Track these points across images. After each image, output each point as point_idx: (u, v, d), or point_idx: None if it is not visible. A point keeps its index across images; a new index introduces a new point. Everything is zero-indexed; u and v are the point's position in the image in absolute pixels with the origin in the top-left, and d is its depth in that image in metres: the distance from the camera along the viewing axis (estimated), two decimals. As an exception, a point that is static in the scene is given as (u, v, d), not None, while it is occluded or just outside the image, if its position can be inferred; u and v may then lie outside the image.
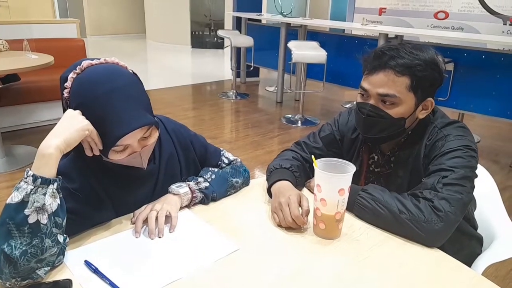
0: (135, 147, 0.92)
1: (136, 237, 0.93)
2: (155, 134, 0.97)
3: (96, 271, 0.82)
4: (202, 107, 5.01)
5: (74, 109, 0.87)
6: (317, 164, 0.97)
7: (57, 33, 4.33)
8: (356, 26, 4.81)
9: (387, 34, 4.07)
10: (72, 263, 0.85)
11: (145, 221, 0.97)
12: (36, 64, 2.89)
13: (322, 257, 0.92)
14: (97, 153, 0.89)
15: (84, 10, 10.57)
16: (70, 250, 0.89)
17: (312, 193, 1.04)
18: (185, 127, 1.21)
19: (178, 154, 1.15)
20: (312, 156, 1.01)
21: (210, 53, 9.38)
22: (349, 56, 4.65)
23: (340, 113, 1.35)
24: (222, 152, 1.26)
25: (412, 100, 1.08)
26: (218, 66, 7.90)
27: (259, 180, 1.28)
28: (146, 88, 0.95)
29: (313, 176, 1.25)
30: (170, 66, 7.71)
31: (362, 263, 0.90)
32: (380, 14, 6.36)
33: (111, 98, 0.86)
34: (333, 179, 0.94)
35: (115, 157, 0.91)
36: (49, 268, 0.80)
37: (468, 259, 1.07)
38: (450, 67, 3.66)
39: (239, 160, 1.28)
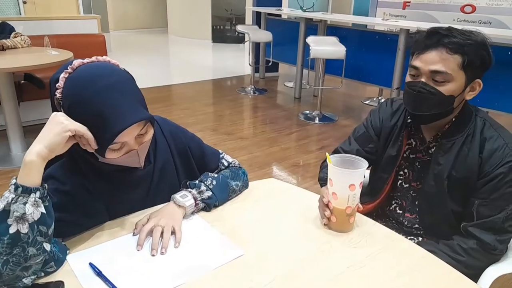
0: (131, 145, 0.90)
1: (138, 250, 0.91)
2: (151, 131, 0.95)
3: (99, 274, 0.82)
4: (221, 103, 5.01)
5: (68, 109, 0.86)
6: (331, 159, 1.00)
7: (78, 29, 4.41)
8: (377, 21, 4.70)
9: (408, 30, 3.95)
10: (77, 265, 0.86)
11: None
12: (55, 60, 2.95)
13: (320, 263, 0.89)
14: (91, 150, 0.87)
15: (107, 5, 10.73)
16: (75, 252, 0.89)
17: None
18: (183, 130, 1.18)
19: (174, 159, 1.13)
20: (326, 153, 1.05)
21: (231, 48, 9.37)
22: (369, 52, 4.55)
23: (371, 111, 1.40)
24: (221, 155, 1.24)
25: (462, 78, 1.09)
26: (238, 61, 7.88)
27: (263, 181, 1.26)
28: (167, 83, 0.95)
29: None
30: (190, 61, 7.75)
31: (359, 271, 0.87)
32: (404, 8, 6.19)
33: (106, 93, 0.84)
34: (344, 174, 0.98)
35: (112, 156, 0.89)
36: (35, 276, 0.80)
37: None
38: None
39: (237, 162, 1.26)
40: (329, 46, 4.08)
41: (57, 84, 0.87)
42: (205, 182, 1.10)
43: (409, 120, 1.26)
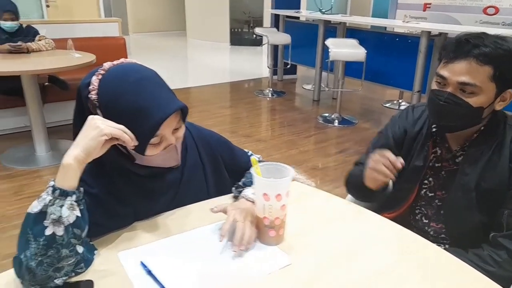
0: (169, 139, 0.92)
1: (220, 241, 0.91)
2: (183, 126, 0.97)
3: (150, 273, 0.83)
4: (238, 105, 5.02)
5: (105, 108, 0.87)
6: (259, 167, 0.93)
7: (100, 32, 4.49)
8: (397, 24, 4.65)
9: (429, 32, 3.89)
10: (128, 262, 0.87)
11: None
12: (78, 63, 3.01)
13: (349, 263, 0.88)
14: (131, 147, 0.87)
15: (127, 8, 10.89)
16: (126, 250, 0.91)
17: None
18: (211, 133, 1.18)
19: (203, 162, 1.12)
20: (252, 157, 0.98)
21: (249, 51, 9.39)
22: (389, 54, 4.50)
23: (391, 118, 1.35)
24: (249, 154, 1.24)
25: (493, 90, 1.05)
26: (256, 64, 7.90)
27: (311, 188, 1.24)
28: (185, 86, 0.97)
29: None
30: (208, 64, 7.79)
31: (386, 276, 0.86)
32: (424, 10, 6.10)
33: (143, 86, 0.87)
34: (258, 182, 0.91)
35: (152, 152, 0.90)
36: (67, 277, 0.81)
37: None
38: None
39: (261, 158, 1.26)
40: (348, 48, 4.05)
41: (90, 87, 0.89)
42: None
43: (434, 129, 1.22)
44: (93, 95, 0.89)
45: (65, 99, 3.72)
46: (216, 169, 1.15)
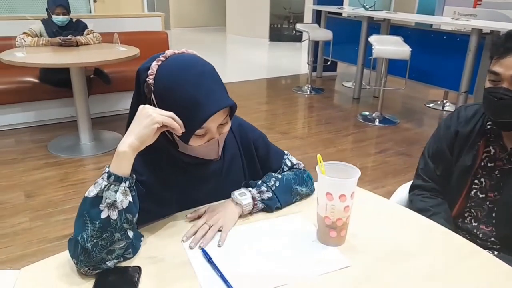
0: (214, 133, 0.94)
1: (183, 240, 0.93)
2: (229, 123, 0.99)
3: (210, 260, 0.86)
4: (276, 101, 5.01)
5: (160, 93, 0.90)
6: (324, 165, 0.92)
7: (143, 26, 4.60)
8: (445, 21, 4.46)
9: (481, 30, 3.71)
10: (192, 249, 0.90)
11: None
12: (123, 56, 3.10)
13: (397, 265, 0.86)
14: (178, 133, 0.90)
15: (169, 4, 11.11)
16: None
17: None
18: (250, 126, 1.18)
19: (242, 155, 1.14)
20: (318, 155, 0.93)
21: (288, 47, 9.34)
22: (435, 53, 4.33)
23: (442, 120, 1.33)
24: (285, 156, 1.21)
25: None
26: (295, 60, 7.84)
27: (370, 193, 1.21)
28: (223, 81, 0.98)
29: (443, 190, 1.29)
30: (247, 59, 7.82)
31: (434, 283, 0.82)
32: (474, 7, 5.82)
33: (201, 79, 0.89)
34: (321, 180, 0.90)
35: (196, 143, 0.93)
36: (118, 260, 0.84)
37: None
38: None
39: (302, 165, 1.22)
40: (393, 45, 3.94)
41: (149, 71, 0.91)
42: (268, 183, 1.08)
43: (488, 127, 1.18)
44: (150, 80, 0.91)
45: (109, 91, 3.85)
46: (251, 160, 1.16)
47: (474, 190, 1.22)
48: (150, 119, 0.83)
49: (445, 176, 1.29)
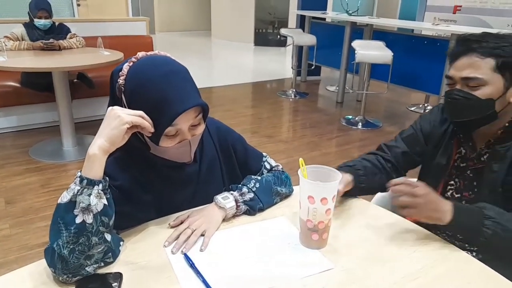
0: (185, 134, 0.93)
1: (165, 245, 0.93)
2: (202, 125, 0.98)
3: (192, 266, 0.86)
4: (261, 105, 5.03)
5: (130, 93, 0.90)
6: (306, 169, 0.93)
7: (128, 31, 4.57)
8: (426, 26, 4.56)
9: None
10: (174, 254, 0.90)
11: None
12: (107, 60, 3.08)
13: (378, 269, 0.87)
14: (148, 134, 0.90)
15: (154, 8, 11.07)
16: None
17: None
18: (228, 129, 1.19)
19: (220, 159, 1.14)
20: (300, 159, 0.93)
21: (273, 51, 9.39)
22: (417, 57, 4.42)
23: (421, 115, 1.36)
24: (264, 159, 1.22)
25: (500, 81, 1.06)
26: (280, 64, 7.89)
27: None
28: (209, 85, 0.98)
29: (395, 176, 1.28)
30: (232, 64, 7.83)
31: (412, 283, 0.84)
32: (454, 13, 5.96)
33: (170, 77, 0.89)
34: (303, 183, 0.91)
35: (166, 144, 0.92)
36: (97, 265, 0.83)
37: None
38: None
39: (280, 166, 1.24)
40: (375, 50, 4.00)
41: (120, 72, 0.92)
42: (248, 185, 1.09)
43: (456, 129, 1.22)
44: (121, 80, 0.92)
45: (92, 95, 3.81)
46: (230, 163, 1.16)
47: (451, 191, 1.25)
48: (119, 120, 0.83)
49: (408, 161, 1.30)
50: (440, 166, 1.24)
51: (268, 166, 1.21)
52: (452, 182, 1.24)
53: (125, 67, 0.92)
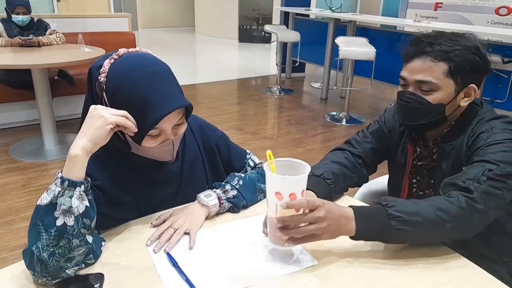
0: (168, 134, 0.92)
1: (147, 244, 0.92)
2: (185, 124, 0.97)
3: (175, 265, 0.85)
4: (246, 102, 5.02)
5: (112, 92, 0.87)
6: (274, 163, 0.84)
7: (110, 27, 4.50)
8: (408, 23, 4.62)
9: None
10: (157, 253, 0.89)
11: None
12: (88, 57, 3.02)
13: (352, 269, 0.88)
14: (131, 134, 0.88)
15: (136, 4, 10.92)
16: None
17: None
18: (211, 127, 1.18)
19: (203, 157, 1.13)
20: (268, 152, 0.85)
21: (257, 48, 9.37)
22: (399, 53, 4.46)
23: (386, 109, 1.35)
24: (248, 156, 1.22)
25: (451, 86, 1.06)
26: (264, 61, 7.89)
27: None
28: (193, 82, 0.97)
29: (366, 172, 1.26)
30: (217, 60, 7.79)
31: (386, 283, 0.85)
32: (435, 10, 6.04)
33: (154, 78, 0.87)
34: (269, 179, 0.83)
35: (149, 144, 0.91)
36: (78, 267, 0.82)
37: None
38: (510, 67, 3.41)
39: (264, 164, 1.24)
40: (358, 47, 4.03)
41: (101, 69, 0.89)
42: (231, 182, 1.09)
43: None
44: (102, 78, 0.89)
45: (73, 93, 3.74)
46: (213, 162, 1.16)
47: (415, 189, 1.27)
48: (103, 120, 0.81)
49: (377, 157, 1.29)
50: (400, 164, 1.25)
51: (252, 164, 1.21)
52: (414, 180, 1.26)
53: (106, 64, 0.89)
